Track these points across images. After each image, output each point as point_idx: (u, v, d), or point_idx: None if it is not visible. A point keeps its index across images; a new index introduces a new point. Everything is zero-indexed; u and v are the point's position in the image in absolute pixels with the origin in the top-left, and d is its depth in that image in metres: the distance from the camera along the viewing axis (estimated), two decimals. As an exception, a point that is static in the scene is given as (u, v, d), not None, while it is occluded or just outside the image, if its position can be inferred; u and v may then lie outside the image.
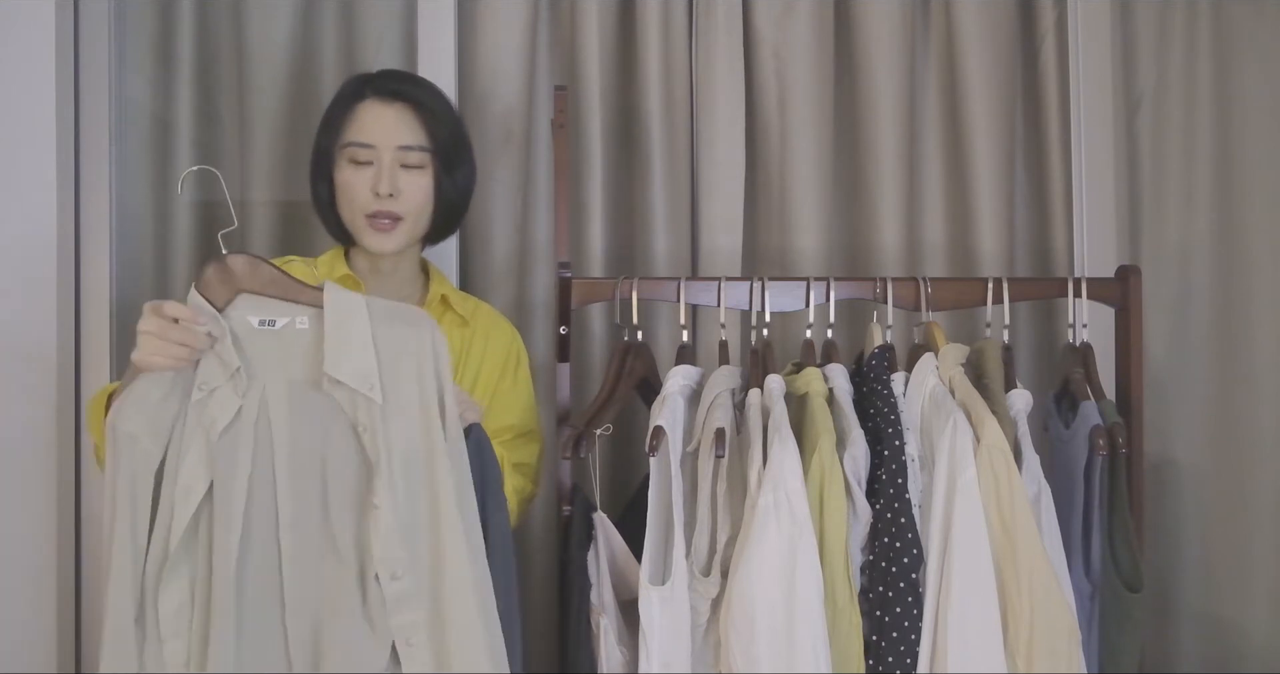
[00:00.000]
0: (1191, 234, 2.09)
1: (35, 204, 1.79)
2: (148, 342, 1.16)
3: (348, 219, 1.50)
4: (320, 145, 1.51)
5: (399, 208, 1.47)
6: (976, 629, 1.29)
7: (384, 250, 1.49)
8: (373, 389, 1.17)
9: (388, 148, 1.46)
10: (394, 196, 1.46)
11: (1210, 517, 2.04)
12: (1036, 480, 1.40)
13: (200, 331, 1.18)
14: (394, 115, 1.48)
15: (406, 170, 1.48)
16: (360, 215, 1.48)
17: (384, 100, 1.48)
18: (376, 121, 1.47)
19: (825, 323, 1.61)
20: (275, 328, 1.22)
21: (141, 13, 1.95)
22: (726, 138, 2.00)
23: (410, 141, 1.48)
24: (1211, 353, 2.07)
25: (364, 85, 1.50)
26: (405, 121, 1.48)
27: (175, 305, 1.18)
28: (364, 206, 1.47)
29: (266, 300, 1.23)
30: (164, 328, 1.16)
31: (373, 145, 1.46)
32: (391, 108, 1.48)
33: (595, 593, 1.42)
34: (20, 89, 1.78)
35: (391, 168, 1.46)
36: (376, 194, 1.45)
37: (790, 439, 1.33)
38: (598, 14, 1.98)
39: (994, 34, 2.04)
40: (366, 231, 1.48)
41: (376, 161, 1.46)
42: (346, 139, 1.48)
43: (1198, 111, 2.09)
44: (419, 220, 1.51)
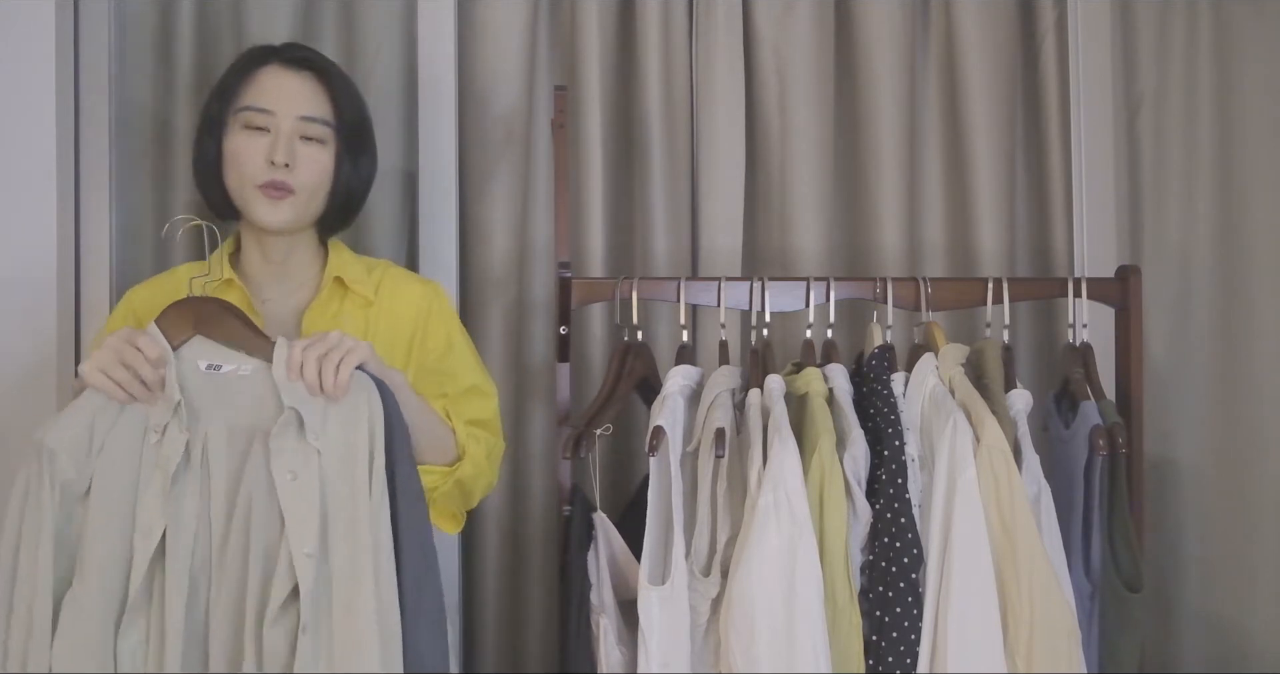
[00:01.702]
0: (1192, 234, 2.09)
1: (35, 204, 1.78)
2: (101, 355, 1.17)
3: (235, 189, 1.39)
4: (211, 108, 1.41)
5: (293, 180, 1.37)
6: (976, 629, 1.29)
7: (272, 223, 1.38)
8: (317, 438, 1.16)
9: (288, 116, 1.37)
10: (289, 167, 1.37)
11: (1211, 516, 2.04)
12: (1036, 480, 1.40)
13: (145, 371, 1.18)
14: (298, 83, 1.40)
15: (305, 143, 1.38)
16: (250, 185, 1.37)
17: (289, 67, 1.40)
18: (279, 87, 1.39)
19: (825, 323, 1.61)
20: (220, 372, 1.23)
21: (141, 13, 1.95)
22: (726, 138, 2.00)
23: (313, 113, 1.39)
24: (1212, 353, 2.07)
25: (270, 52, 1.42)
26: (310, 91, 1.40)
27: (148, 341, 1.19)
28: (255, 176, 1.37)
29: (217, 345, 1.24)
30: (122, 352, 1.18)
31: (271, 111, 1.37)
32: (296, 76, 1.40)
33: (595, 593, 1.42)
34: (20, 89, 1.78)
35: (290, 137, 1.37)
36: (271, 163, 1.36)
37: (790, 439, 1.33)
38: (598, 14, 1.98)
39: (994, 34, 2.04)
40: (257, 201, 1.37)
41: (274, 129, 1.37)
42: (243, 103, 1.38)
43: (1198, 111, 2.09)
44: (313, 197, 1.40)
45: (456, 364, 1.49)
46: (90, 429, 1.19)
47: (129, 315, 1.47)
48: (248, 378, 1.22)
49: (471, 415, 1.46)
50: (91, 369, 1.18)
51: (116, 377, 1.17)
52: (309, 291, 1.48)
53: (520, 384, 2.00)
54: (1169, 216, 2.10)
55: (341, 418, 1.18)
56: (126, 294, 1.52)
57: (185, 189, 1.96)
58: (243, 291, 1.43)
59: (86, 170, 1.88)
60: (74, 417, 1.19)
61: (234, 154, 1.38)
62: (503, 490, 1.97)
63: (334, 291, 1.47)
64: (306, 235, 1.48)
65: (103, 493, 1.17)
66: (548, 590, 1.97)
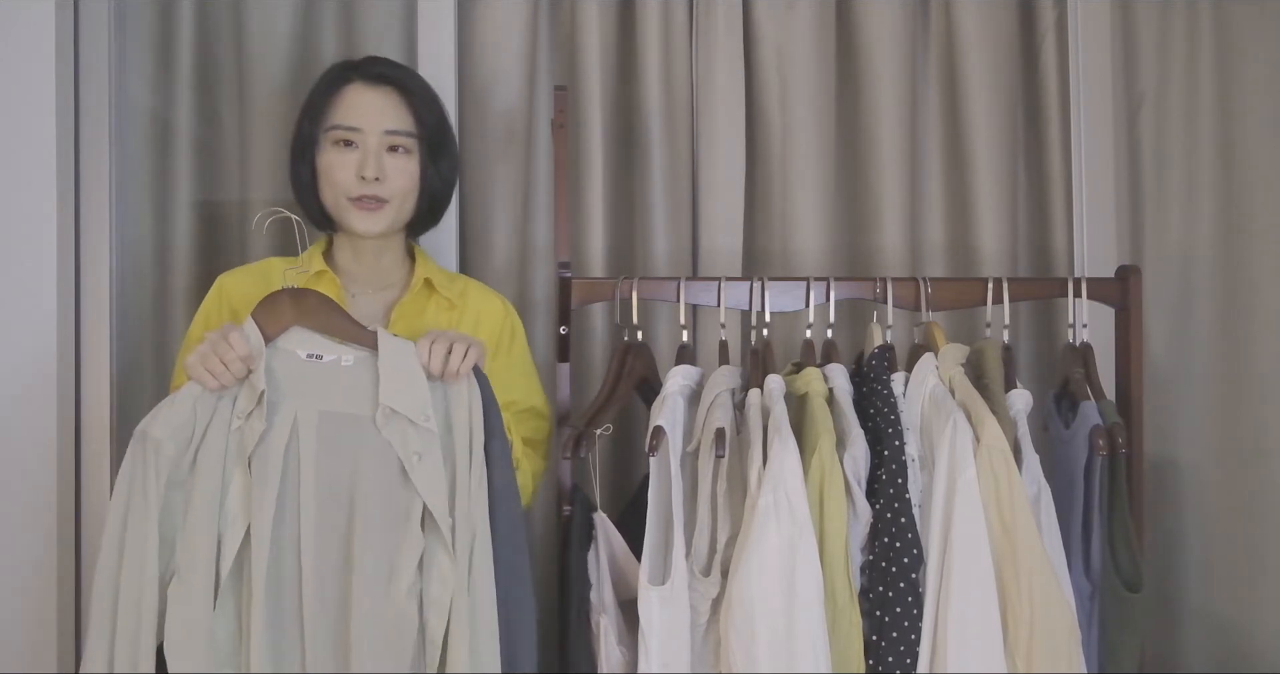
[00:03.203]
0: (1193, 233, 2.09)
1: (35, 204, 1.78)
2: (199, 349, 1.27)
3: (330, 203, 1.49)
4: (303, 128, 1.50)
5: (384, 191, 1.46)
6: (976, 629, 1.29)
7: (369, 231, 1.48)
8: (428, 420, 1.26)
9: (374, 131, 1.46)
10: (379, 180, 1.45)
11: (1212, 516, 2.04)
12: (1036, 480, 1.40)
13: (237, 366, 1.27)
14: (381, 99, 1.47)
15: (392, 154, 1.47)
16: (344, 198, 1.47)
17: (370, 84, 1.48)
18: (363, 105, 1.47)
19: (825, 323, 1.61)
20: (321, 362, 1.31)
21: (141, 13, 1.95)
22: (727, 137, 2.00)
23: (397, 126, 1.47)
24: (1213, 352, 2.07)
25: (350, 70, 1.50)
26: (392, 106, 1.48)
27: (238, 337, 1.27)
28: (348, 190, 1.46)
29: (318, 336, 1.32)
30: (217, 345, 1.26)
31: (359, 128, 1.46)
32: (378, 91, 1.48)
33: (595, 593, 1.42)
34: (20, 89, 1.78)
35: (377, 152, 1.46)
36: (362, 178, 1.45)
37: (790, 439, 1.33)
38: (598, 14, 1.98)
39: (994, 34, 2.04)
40: (351, 213, 1.47)
41: (362, 145, 1.46)
42: (332, 121, 1.47)
43: (1199, 110, 2.09)
44: (404, 205, 1.50)
45: (523, 382, 1.60)
46: (193, 416, 1.27)
47: (218, 299, 1.55)
48: (350, 368, 1.30)
49: (527, 434, 1.57)
50: (192, 360, 1.27)
51: (212, 368, 1.26)
52: (397, 290, 1.57)
53: (520, 384, 2.00)
54: (1170, 216, 2.10)
55: (450, 402, 1.29)
56: (218, 279, 1.58)
57: (185, 189, 1.96)
58: (335, 282, 1.52)
59: (86, 170, 1.88)
60: (177, 406, 1.27)
61: (327, 170, 1.47)
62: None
63: (422, 291, 1.56)
64: (397, 238, 1.57)
65: (203, 480, 1.25)
66: (548, 590, 1.97)
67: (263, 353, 1.28)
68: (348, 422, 1.28)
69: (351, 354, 1.31)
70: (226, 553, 1.23)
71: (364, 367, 1.30)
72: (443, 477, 1.25)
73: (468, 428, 1.28)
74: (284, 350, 1.31)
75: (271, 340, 1.30)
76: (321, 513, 1.25)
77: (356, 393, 1.28)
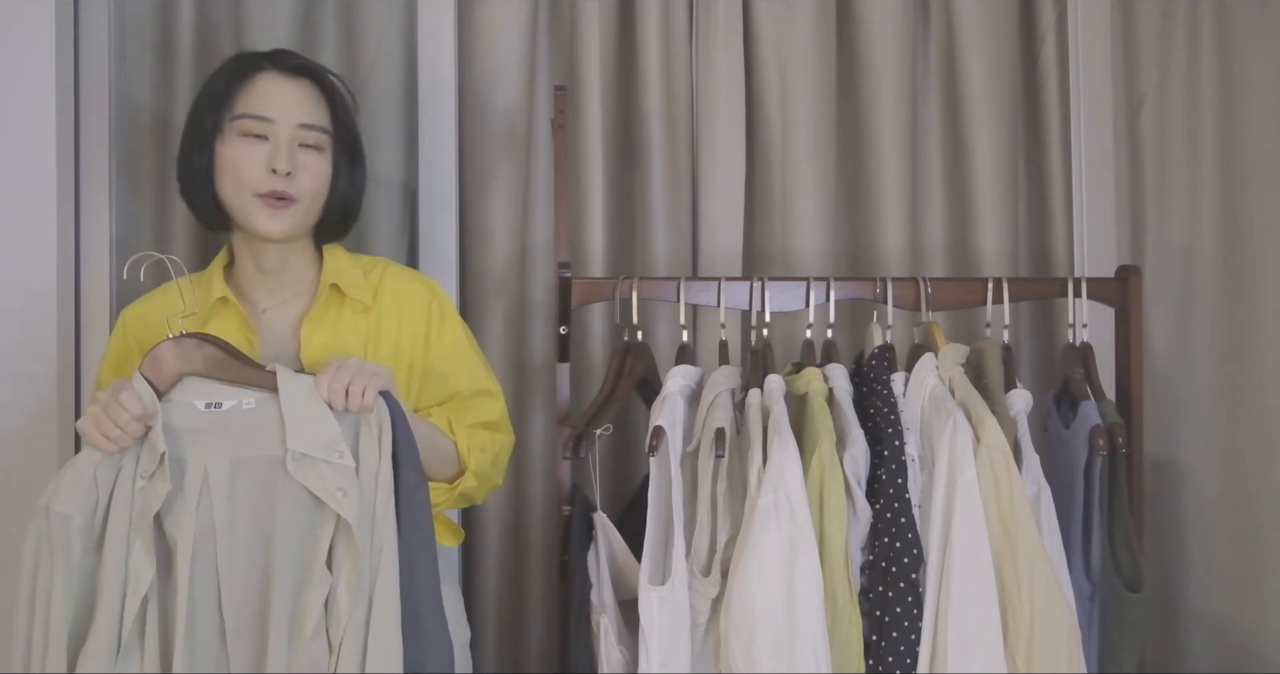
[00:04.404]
0: (1194, 233, 2.08)
1: (35, 204, 1.78)
2: (90, 412, 1.21)
3: (232, 199, 1.37)
4: (204, 117, 1.37)
5: (294, 189, 1.36)
6: (976, 629, 1.29)
7: (273, 232, 1.37)
8: (342, 456, 1.19)
9: (287, 123, 1.36)
10: (290, 176, 1.35)
11: (1213, 516, 2.04)
12: (1036, 480, 1.40)
13: (133, 427, 1.20)
14: (296, 90, 1.38)
15: (304, 150, 1.37)
16: (249, 195, 1.35)
17: (286, 74, 1.38)
18: (277, 95, 1.36)
19: (825, 323, 1.61)
20: (222, 409, 1.24)
21: (141, 13, 1.95)
22: (727, 137, 2.00)
23: (312, 120, 1.38)
24: (1215, 352, 2.06)
25: (263, 59, 1.40)
26: (308, 98, 1.38)
27: (130, 398, 1.20)
28: (256, 185, 1.35)
29: (213, 383, 1.25)
30: (109, 407, 1.20)
31: (271, 119, 1.35)
32: (294, 83, 1.38)
33: (595, 593, 1.42)
34: (20, 89, 1.78)
35: (290, 145, 1.35)
36: (273, 171, 1.34)
37: (790, 439, 1.33)
38: (598, 14, 1.98)
39: (994, 33, 2.04)
40: (257, 211, 1.36)
41: (273, 137, 1.35)
42: (241, 110, 1.35)
43: (1200, 110, 2.09)
44: (312, 206, 1.40)
45: (463, 367, 1.49)
46: (94, 482, 1.21)
47: (123, 336, 1.48)
48: (253, 410, 1.24)
49: (481, 418, 1.47)
50: (85, 425, 1.21)
51: (107, 432, 1.20)
52: (306, 300, 1.46)
53: (521, 384, 2.00)
54: (1170, 216, 2.10)
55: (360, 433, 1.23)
56: (122, 313, 1.51)
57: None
58: (238, 309, 1.43)
59: (86, 170, 1.88)
60: (78, 474, 1.21)
61: (232, 162, 1.36)
62: (503, 490, 1.97)
63: (331, 299, 1.45)
64: (302, 242, 1.46)
65: (111, 544, 1.20)
66: (548, 590, 1.97)
67: (158, 410, 1.22)
68: (262, 465, 1.21)
69: (253, 396, 1.24)
70: (126, 613, 1.18)
71: (267, 407, 1.23)
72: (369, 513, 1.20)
73: (376, 460, 1.21)
74: (180, 403, 1.24)
75: (165, 395, 1.23)
76: (236, 565, 1.20)
77: (264, 435, 1.22)
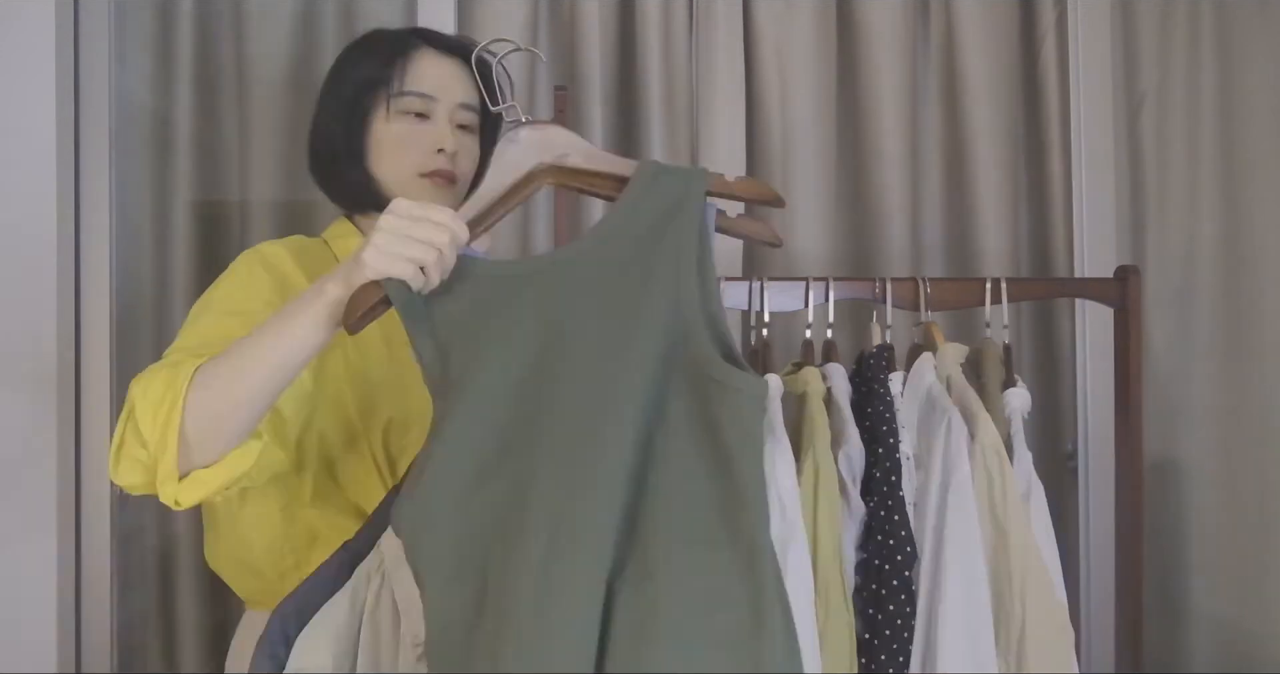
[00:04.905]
0: (1195, 233, 2.08)
1: (35, 204, 1.79)
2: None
3: (394, 179, 1.30)
4: (357, 93, 1.31)
5: (457, 168, 1.32)
6: (969, 627, 1.29)
7: None
8: None
9: (448, 102, 1.32)
10: (456, 155, 1.31)
11: (1214, 516, 2.03)
12: (1028, 478, 1.40)
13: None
14: (452, 69, 1.33)
15: (461, 131, 1.33)
16: (414, 175, 1.30)
17: (441, 52, 1.33)
18: (437, 73, 1.32)
19: (825, 323, 1.61)
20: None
21: (141, 13, 1.95)
22: (727, 137, 2.00)
23: (468, 100, 1.33)
24: (1214, 353, 2.06)
25: (412, 35, 1.35)
26: (463, 78, 1.33)
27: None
28: (421, 164, 1.30)
29: None
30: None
31: (434, 97, 1.31)
32: (451, 61, 1.33)
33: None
34: (20, 89, 1.79)
35: (451, 124, 1.32)
36: (440, 150, 1.30)
37: (784, 438, 1.33)
38: (598, 14, 1.98)
39: (994, 33, 2.04)
40: (421, 190, 1.29)
41: (435, 116, 1.31)
42: (403, 87, 1.30)
43: (1200, 110, 2.09)
44: (464, 187, 1.34)
45: None
46: (345, 628, 0.99)
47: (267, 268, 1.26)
48: None
49: None
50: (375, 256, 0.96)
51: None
52: None
53: (519, 384, 2.00)
54: (1170, 216, 2.10)
55: None
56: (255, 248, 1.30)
57: (185, 188, 1.96)
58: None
59: (86, 170, 1.88)
60: (324, 624, 0.98)
61: (395, 142, 1.30)
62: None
63: None
64: None
65: None
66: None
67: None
68: None
69: None
70: None
71: None
72: None
73: None
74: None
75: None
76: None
77: None
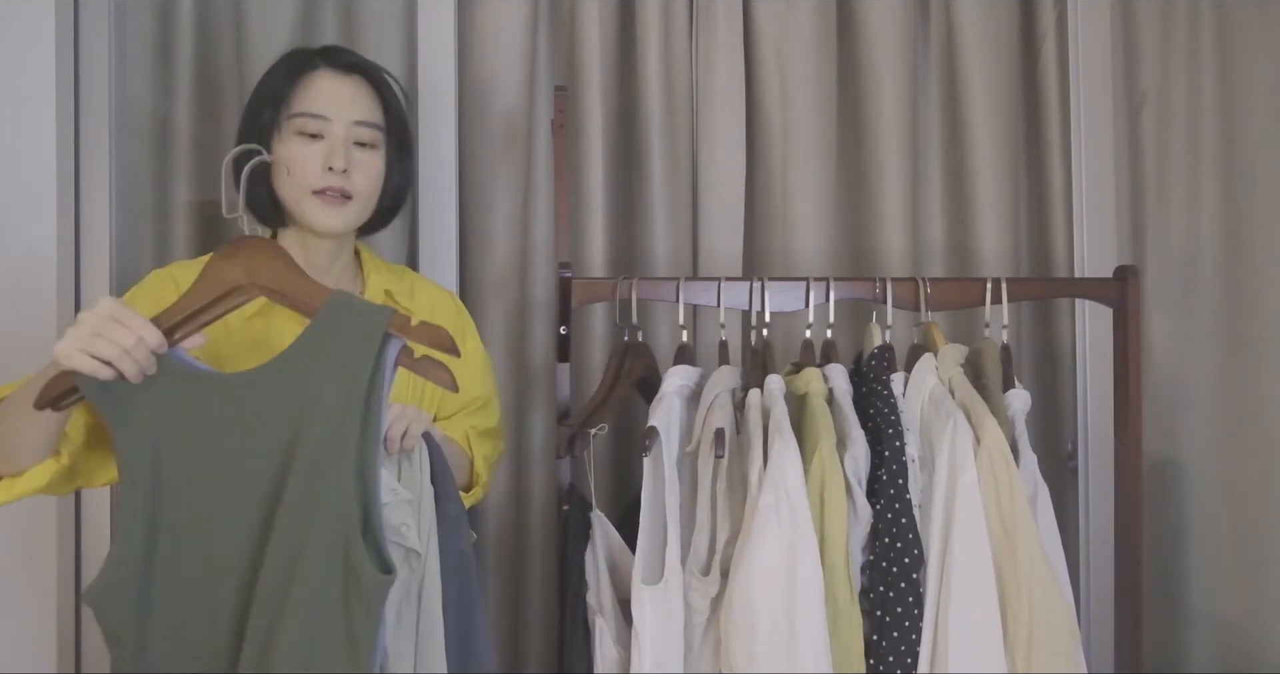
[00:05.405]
0: (1195, 233, 2.09)
1: (35, 204, 1.79)
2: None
3: (290, 197, 1.38)
4: (260, 115, 1.39)
5: (350, 185, 1.37)
6: (976, 629, 1.29)
7: (331, 227, 1.38)
8: (396, 493, 1.22)
9: (342, 121, 1.37)
10: (346, 173, 1.37)
11: (1214, 516, 2.04)
12: (1033, 480, 1.40)
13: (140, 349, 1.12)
14: (350, 88, 1.39)
15: (359, 148, 1.39)
16: (307, 192, 1.37)
17: (339, 72, 1.39)
18: (331, 93, 1.38)
19: (825, 323, 1.61)
20: None
21: (141, 13, 1.95)
22: (727, 137, 2.00)
23: (366, 117, 1.39)
24: (1215, 352, 2.07)
25: (316, 56, 1.41)
26: (362, 96, 1.40)
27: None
28: (312, 182, 1.36)
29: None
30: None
31: (326, 117, 1.36)
32: (347, 80, 1.39)
33: (593, 593, 1.42)
34: (20, 89, 1.78)
35: (345, 143, 1.37)
36: (329, 169, 1.35)
37: (791, 439, 1.33)
38: (598, 14, 1.98)
39: (994, 33, 2.04)
40: (314, 208, 1.37)
41: (328, 135, 1.37)
42: (296, 109, 1.37)
43: (1200, 110, 2.09)
44: (367, 203, 1.41)
45: (479, 378, 1.56)
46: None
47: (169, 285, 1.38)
48: None
49: (483, 425, 1.54)
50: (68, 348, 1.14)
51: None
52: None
53: (521, 384, 2.00)
54: (1171, 216, 2.10)
55: (403, 471, 1.23)
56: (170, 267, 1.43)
57: (185, 188, 1.96)
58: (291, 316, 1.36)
59: (86, 170, 1.88)
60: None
61: (289, 161, 1.37)
62: (503, 489, 1.97)
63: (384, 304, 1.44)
64: (349, 239, 1.49)
65: None
66: (548, 589, 1.97)
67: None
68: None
69: None
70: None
71: None
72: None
73: (418, 493, 1.22)
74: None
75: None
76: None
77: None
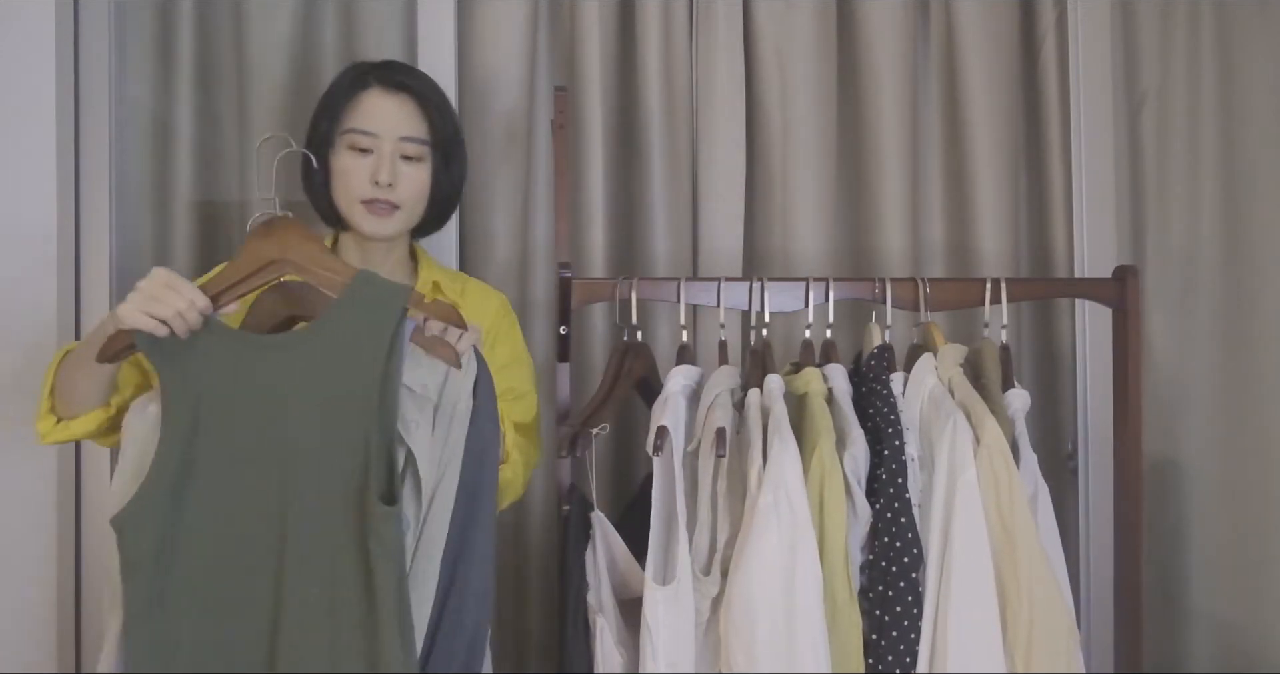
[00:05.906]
0: (1194, 234, 2.09)
1: (35, 204, 1.79)
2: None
3: (343, 204, 1.51)
4: (319, 127, 1.52)
5: (396, 197, 1.49)
6: (976, 629, 1.29)
7: (379, 234, 1.51)
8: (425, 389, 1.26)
9: (389, 138, 1.48)
10: (392, 186, 1.48)
11: (1215, 516, 2.04)
12: (1034, 479, 1.40)
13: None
14: (397, 106, 1.50)
15: (405, 161, 1.50)
16: (356, 202, 1.49)
17: (388, 90, 1.51)
18: (380, 111, 1.49)
19: (825, 323, 1.61)
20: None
21: (141, 13, 1.95)
22: (727, 137, 2.00)
23: (412, 133, 1.50)
24: (1214, 352, 2.07)
25: (367, 74, 1.52)
26: (408, 113, 1.50)
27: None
28: (361, 193, 1.48)
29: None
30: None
31: (375, 134, 1.48)
32: (395, 98, 1.50)
33: (594, 593, 1.42)
34: (20, 89, 1.78)
35: (392, 158, 1.48)
36: (376, 182, 1.47)
37: (790, 439, 1.33)
38: (598, 14, 1.98)
39: (994, 33, 2.04)
40: (363, 216, 1.50)
41: (377, 150, 1.48)
42: (348, 125, 1.49)
43: (1200, 110, 2.09)
44: (414, 210, 1.53)
45: (516, 370, 1.61)
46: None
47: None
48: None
49: (517, 418, 1.58)
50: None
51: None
52: None
53: (520, 384, 2.00)
54: (1170, 216, 2.10)
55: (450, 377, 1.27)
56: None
57: (185, 187, 1.96)
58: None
59: (86, 170, 1.88)
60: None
61: (342, 172, 1.50)
62: (503, 490, 1.97)
63: (432, 294, 1.58)
64: (403, 241, 1.61)
65: None
66: (549, 589, 1.97)
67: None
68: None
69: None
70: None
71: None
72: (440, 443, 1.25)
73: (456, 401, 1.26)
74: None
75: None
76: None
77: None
